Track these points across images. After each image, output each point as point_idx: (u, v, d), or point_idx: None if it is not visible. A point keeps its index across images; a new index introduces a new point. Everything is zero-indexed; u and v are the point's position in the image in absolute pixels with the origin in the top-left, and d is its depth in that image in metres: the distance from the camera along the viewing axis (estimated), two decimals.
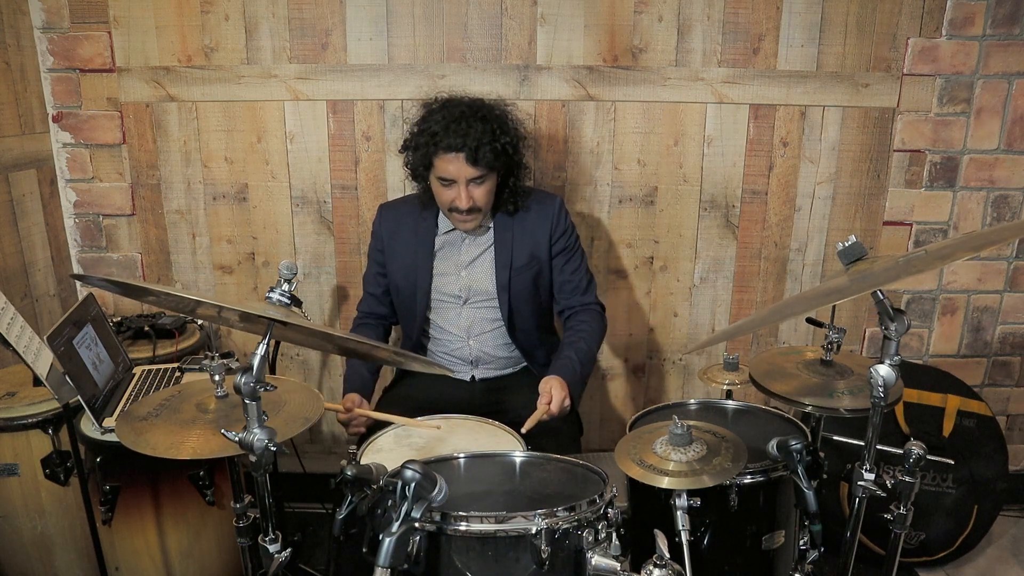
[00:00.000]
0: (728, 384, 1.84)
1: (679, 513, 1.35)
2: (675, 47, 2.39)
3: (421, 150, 1.94)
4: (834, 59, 2.39)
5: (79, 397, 1.76)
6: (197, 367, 2.06)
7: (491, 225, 2.09)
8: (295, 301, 1.33)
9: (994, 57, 2.38)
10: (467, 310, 2.11)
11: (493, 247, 2.08)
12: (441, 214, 2.09)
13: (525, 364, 2.20)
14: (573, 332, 2.09)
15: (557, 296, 2.17)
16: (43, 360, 1.76)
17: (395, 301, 2.18)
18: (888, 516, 1.45)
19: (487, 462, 1.51)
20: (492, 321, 2.11)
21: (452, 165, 1.90)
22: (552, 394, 1.84)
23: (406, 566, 1.17)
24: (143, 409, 1.52)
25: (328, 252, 2.58)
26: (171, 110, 2.45)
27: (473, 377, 2.15)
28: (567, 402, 1.86)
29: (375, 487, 1.26)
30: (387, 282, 2.16)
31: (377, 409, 2.12)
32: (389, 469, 1.22)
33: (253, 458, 1.28)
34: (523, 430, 1.73)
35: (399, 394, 2.15)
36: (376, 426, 1.81)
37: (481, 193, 1.95)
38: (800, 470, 1.42)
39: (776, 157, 2.48)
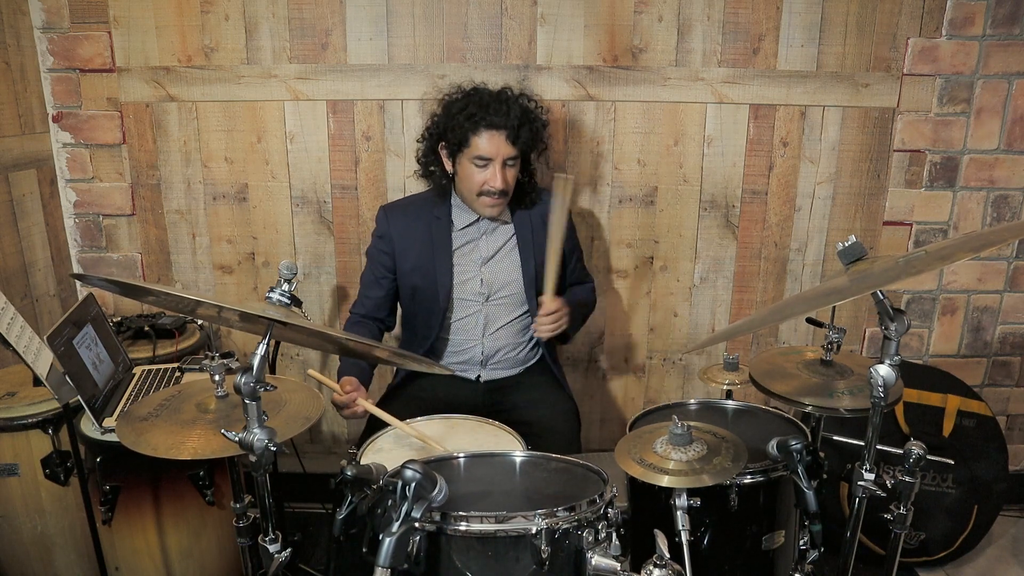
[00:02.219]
0: (728, 384, 1.84)
1: (679, 513, 1.35)
2: (675, 47, 2.39)
3: (457, 130, 1.95)
4: (834, 59, 2.39)
5: (79, 397, 1.76)
6: (197, 367, 2.06)
7: (510, 220, 2.10)
8: (295, 301, 1.33)
9: (994, 57, 2.38)
10: (487, 307, 2.11)
11: (516, 239, 2.09)
12: (455, 210, 2.08)
13: (530, 365, 2.20)
14: (569, 291, 2.24)
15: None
16: (43, 360, 1.76)
17: (410, 305, 2.15)
18: (888, 516, 1.46)
19: (487, 462, 1.51)
20: (512, 317, 2.12)
21: (492, 143, 1.93)
22: (548, 304, 1.97)
23: (406, 566, 1.17)
24: (143, 409, 1.53)
25: (328, 252, 2.58)
26: (171, 110, 2.45)
27: (479, 377, 2.15)
28: (563, 319, 2.00)
29: (375, 487, 1.26)
30: (391, 285, 2.14)
31: (382, 406, 2.12)
32: (389, 469, 1.23)
33: (253, 458, 1.28)
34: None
35: (404, 393, 2.14)
36: (376, 425, 1.80)
37: (512, 176, 1.99)
38: (800, 470, 1.42)
39: (776, 157, 2.48)
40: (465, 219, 2.09)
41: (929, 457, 1.41)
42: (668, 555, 1.22)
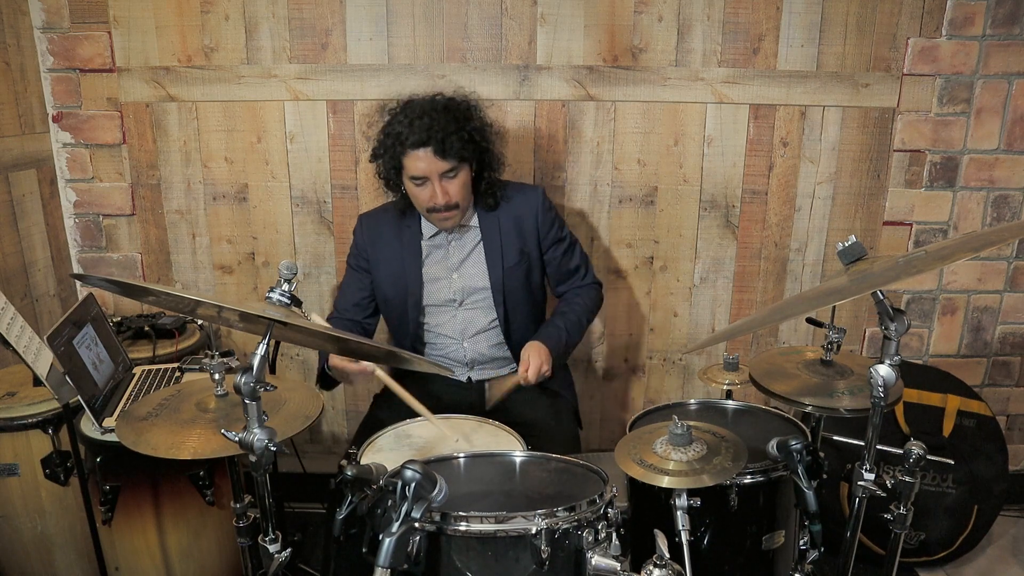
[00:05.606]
0: (728, 384, 1.84)
1: (679, 513, 1.35)
2: (675, 47, 2.39)
3: (389, 153, 1.93)
4: (834, 59, 2.39)
5: (79, 397, 1.76)
6: (197, 367, 2.06)
7: (475, 224, 2.08)
8: (295, 301, 1.33)
9: (994, 57, 2.38)
10: (462, 312, 2.10)
11: (482, 245, 2.08)
12: (424, 219, 2.07)
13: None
14: (565, 303, 2.15)
15: (555, 284, 2.20)
16: (43, 360, 1.76)
17: (384, 312, 2.16)
18: (888, 516, 1.45)
19: (487, 462, 1.51)
20: (487, 322, 2.11)
21: (421, 162, 1.89)
22: (530, 362, 1.89)
23: (406, 566, 1.17)
24: (143, 409, 1.53)
25: (328, 252, 2.58)
26: (171, 110, 2.45)
27: (470, 379, 2.14)
28: (545, 369, 1.91)
29: (375, 487, 1.26)
30: (370, 289, 2.13)
31: (376, 408, 2.12)
32: (389, 469, 1.23)
33: (253, 458, 1.28)
34: (489, 405, 1.75)
35: (395, 395, 2.14)
36: (376, 425, 1.80)
37: (456, 187, 1.94)
38: (800, 470, 1.42)
39: (776, 157, 2.48)
40: (432, 227, 2.07)
41: (929, 457, 1.41)
42: (668, 555, 1.22)
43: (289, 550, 1.42)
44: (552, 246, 2.13)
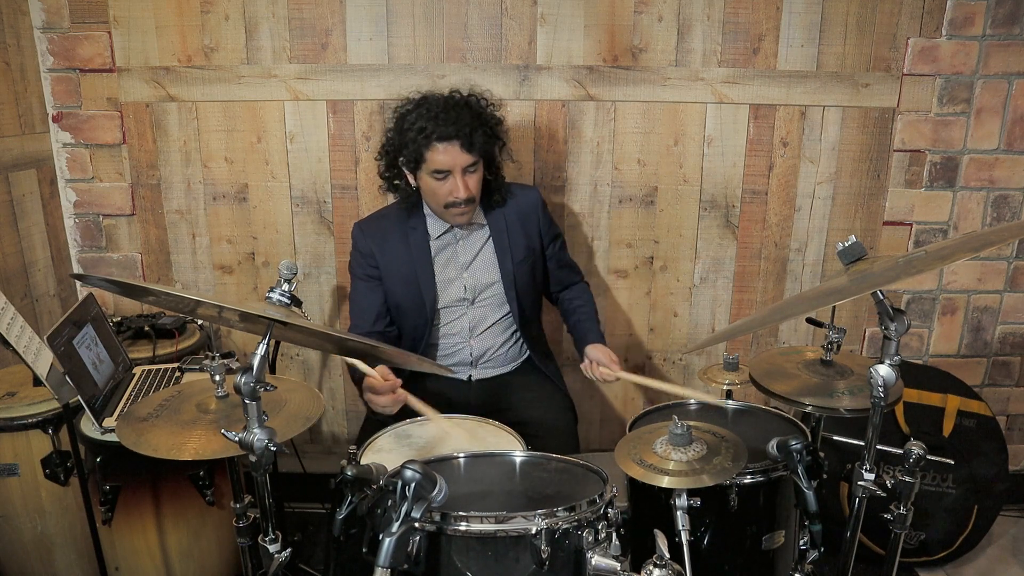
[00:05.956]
0: (728, 384, 1.84)
1: (679, 513, 1.35)
2: (675, 47, 2.39)
3: (410, 146, 1.92)
4: (834, 59, 2.39)
5: (79, 397, 1.76)
6: (197, 367, 2.07)
7: (484, 222, 2.09)
8: (295, 301, 1.33)
9: (994, 57, 2.38)
10: (471, 311, 2.11)
11: (491, 241, 2.09)
12: (430, 220, 2.07)
13: (521, 362, 2.20)
14: (583, 303, 2.23)
15: (554, 282, 2.24)
16: (43, 360, 1.76)
17: (396, 318, 2.13)
18: (888, 516, 1.46)
19: (487, 462, 1.51)
20: (497, 317, 2.12)
21: (447, 155, 1.89)
22: (614, 361, 2.01)
23: (406, 566, 1.17)
24: (143, 410, 1.53)
25: (328, 252, 2.58)
26: (171, 110, 2.45)
27: (470, 377, 2.15)
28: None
29: (375, 487, 1.26)
30: (385, 296, 2.10)
31: (372, 412, 2.10)
32: (389, 469, 1.23)
33: (253, 458, 1.28)
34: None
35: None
36: (375, 425, 1.80)
37: (475, 182, 1.96)
38: (800, 470, 1.42)
39: (776, 157, 2.48)
40: (439, 227, 2.07)
41: (929, 457, 1.41)
42: (668, 555, 1.22)
43: (289, 550, 1.42)
44: (551, 242, 2.18)
